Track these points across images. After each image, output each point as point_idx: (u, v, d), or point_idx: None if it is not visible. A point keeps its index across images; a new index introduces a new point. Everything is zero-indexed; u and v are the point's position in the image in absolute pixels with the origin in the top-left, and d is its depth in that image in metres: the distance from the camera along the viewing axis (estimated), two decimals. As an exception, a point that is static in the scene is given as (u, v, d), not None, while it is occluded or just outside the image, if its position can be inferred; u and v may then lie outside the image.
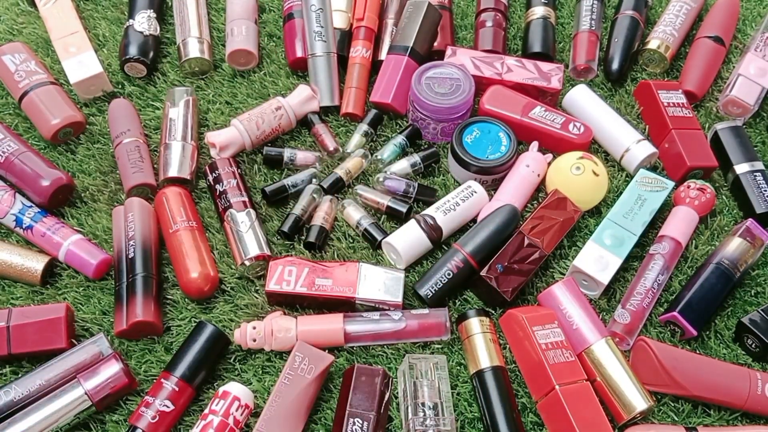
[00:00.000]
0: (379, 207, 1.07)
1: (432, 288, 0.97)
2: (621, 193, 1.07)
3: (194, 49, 1.18)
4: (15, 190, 1.04)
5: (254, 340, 0.93)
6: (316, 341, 0.92)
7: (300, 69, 1.22)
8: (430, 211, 1.04)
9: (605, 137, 1.14)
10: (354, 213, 1.05)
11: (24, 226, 1.01)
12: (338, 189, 1.09)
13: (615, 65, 1.21)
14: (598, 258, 0.99)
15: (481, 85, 1.16)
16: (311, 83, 1.18)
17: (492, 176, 1.08)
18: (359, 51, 1.19)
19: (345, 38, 1.22)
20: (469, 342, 0.94)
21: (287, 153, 1.10)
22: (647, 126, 1.18)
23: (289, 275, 0.96)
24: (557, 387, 0.87)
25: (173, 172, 1.05)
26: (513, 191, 1.07)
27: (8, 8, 1.26)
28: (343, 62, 1.21)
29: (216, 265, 1.00)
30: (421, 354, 0.94)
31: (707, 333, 0.99)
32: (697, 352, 0.96)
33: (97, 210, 1.06)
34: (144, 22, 1.20)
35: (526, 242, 0.99)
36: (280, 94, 1.17)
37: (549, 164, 1.10)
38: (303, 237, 1.04)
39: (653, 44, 1.23)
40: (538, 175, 1.09)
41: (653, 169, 1.12)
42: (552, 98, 1.17)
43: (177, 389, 0.87)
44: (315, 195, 1.06)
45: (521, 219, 1.04)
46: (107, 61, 1.21)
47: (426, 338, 0.95)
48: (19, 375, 0.90)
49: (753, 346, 0.96)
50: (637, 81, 1.23)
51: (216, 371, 0.93)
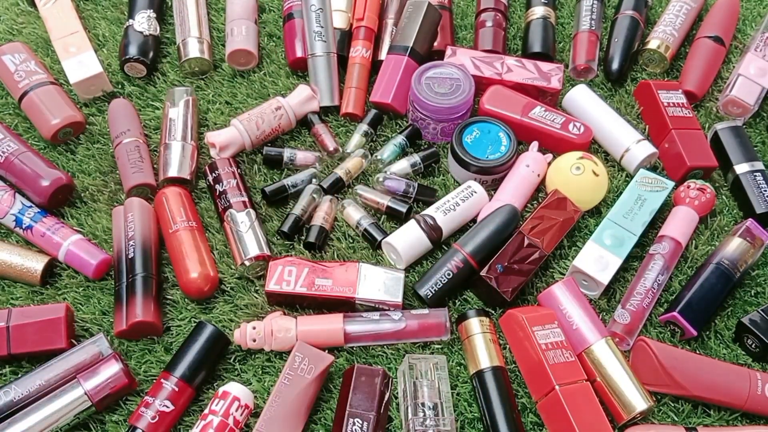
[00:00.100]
0: (379, 207, 1.07)
1: (432, 288, 0.97)
2: (621, 193, 1.06)
3: (194, 49, 1.18)
4: (15, 190, 1.04)
5: (254, 340, 0.93)
6: (316, 341, 0.92)
7: (300, 69, 1.22)
8: (430, 211, 1.04)
9: (605, 137, 1.14)
10: (354, 213, 1.05)
11: (24, 226, 1.01)
12: (338, 189, 1.09)
13: (615, 65, 1.21)
14: (598, 258, 0.99)
15: (481, 85, 1.16)
16: (311, 83, 1.18)
17: (492, 176, 1.08)
18: (359, 51, 1.19)
19: (345, 38, 1.22)
20: (469, 342, 0.94)
21: (287, 153, 1.10)
22: (647, 126, 1.18)
23: (289, 275, 0.96)
24: (557, 387, 0.87)
25: (173, 172, 1.05)
26: (513, 191, 1.07)
27: (8, 8, 1.26)
28: (343, 62, 1.21)
29: (216, 266, 1.00)
30: (421, 354, 0.94)
31: (707, 333, 0.99)
32: (697, 353, 0.96)
33: (97, 210, 1.06)
34: (144, 22, 1.20)
35: (526, 242, 0.99)
36: (280, 94, 1.16)
37: (549, 164, 1.10)
38: (303, 237, 1.04)
39: (653, 44, 1.23)
40: (538, 175, 1.09)
41: (653, 169, 1.12)
42: (552, 98, 1.17)
43: (177, 389, 0.87)
44: (315, 195, 1.06)
45: (521, 219, 1.04)
46: (107, 61, 1.21)
47: (426, 338, 0.95)
48: (19, 375, 0.90)
49: (753, 347, 0.96)
50: (637, 81, 1.23)
51: (216, 371, 0.93)
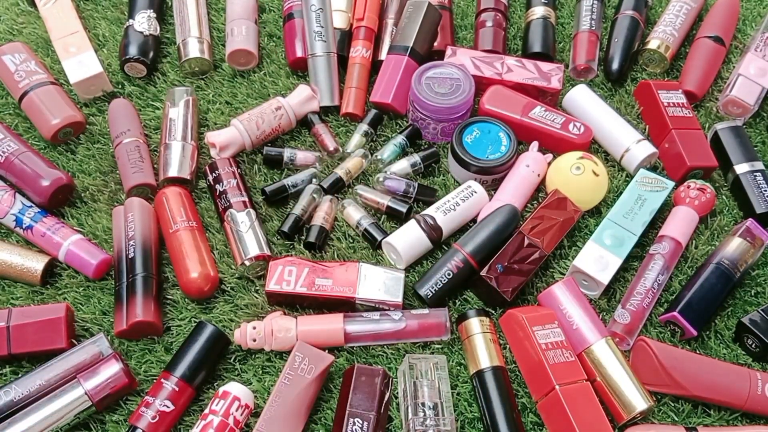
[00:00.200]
0: (379, 207, 1.07)
1: (432, 288, 0.97)
2: (621, 193, 1.07)
3: (194, 49, 1.18)
4: (15, 190, 1.04)
5: (254, 340, 0.93)
6: (316, 341, 0.92)
7: (300, 69, 1.22)
8: (430, 211, 1.04)
9: (605, 137, 1.14)
10: (354, 213, 1.05)
11: (24, 226, 1.01)
12: (338, 189, 1.09)
13: (615, 65, 1.21)
14: (598, 258, 0.99)
15: (481, 85, 1.16)
16: (311, 83, 1.18)
17: (492, 176, 1.08)
18: (359, 51, 1.19)
19: (345, 38, 1.22)
20: (469, 342, 0.94)
21: (287, 153, 1.10)
22: (647, 126, 1.18)
23: (289, 275, 0.96)
24: (557, 387, 0.87)
25: (173, 172, 1.05)
26: (513, 191, 1.07)
27: (8, 8, 1.26)
28: (343, 62, 1.21)
29: (216, 265, 1.00)
30: (421, 354, 0.94)
31: (707, 333, 0.99)
32: (697, 352, 0.96)
33: (97, 210, 1.06)
34: (144, 22, 1.20)
35: (526, 242, 0.99)
36: (280, 94, 1.16)
37: (549, 164, 1.10)
38: (303, 237, 1.04)
39: (653, 44, 1.23)
40: (538, 175, 1.09)
41: (653, 169, 1.12)
42: (552, 98, 1.17)
43: (177, 389, 0.87)
44: (315, 195, 1.06)
45: (521, 219, 1.04)
46: (107, 61, 1.21)
47: (426, 338, 0.95)
48: (19, 375, 0.90)
49: (753, 346, 0.96)
50: (637, 81, 1.23)
51: (216, 371, 0.93)
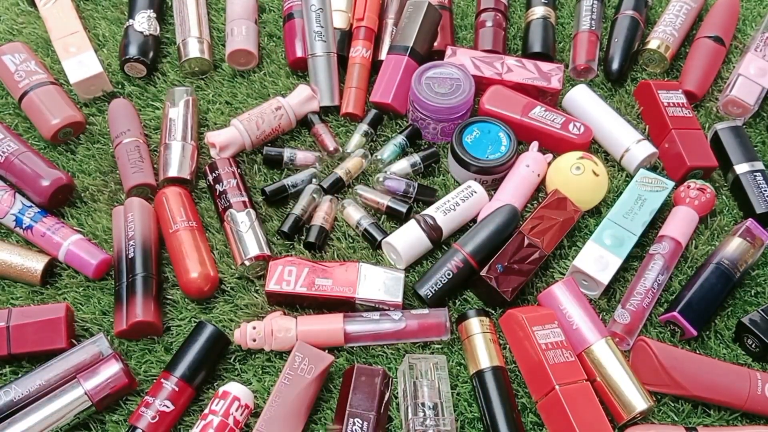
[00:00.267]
0: (379, 207, 1.07)
1: (432, 288, 0.97)
2: (621, 193, 1.06)
3: (194, 49, 1.18)
4: (15, 190, 1.04)
5: (254, 340, 0.93)
6: (316, 341, 0.92)
7: (300, 69, 1.22)
8: (430, 211, 1.04)
9: (605, 137, 1.14)
10: (354, 213, 1.05)
11: (24, 226, 1.01)
12: (338, 189, 1.09)
13: (615, 65, 1.21)
14: (598, 258, 0.99)
15: (481, 85, 1.16)
16: (311, 83, 1.18)
17: (492, 176, 1.08)
18: (359, 51, 1.19)
19: (345, 38, 1.22)
20: (469, 342, 0.94)
21: (287, 153, 1.10)
22: (647, 126, 1.18)
23: (289, 275, 0.96)
24: (557, 387, 0.87)
25: (173, 172, 1.05)
26: (513, 191, 1.07)
27: (8, 8, 1.26)
28: (343, 62, 1.21)
29: (216, 265, 1.00)
30: (421, 354, 0.94)
31: (707, 333, 0.99)
32: (697, 352, 0.96)
33: (97, 210, 1.06)
34: (144, 22, 1.20)
35: (526, 242, 0.99)
36: (280, 94, 1.16)
37: (549, 164, 1.10)
38: (303, 237, 1.04)
39: (653, 44, 1.23)
40: (538, 175, 1.09)
41: (653, 169, 1.12)
42: (552, 98, 1.17)
43: (177, 389, 0.87)
44: (315, 195, 1.06)
45: (521, 219, 1.04)
46: (107, 61, 1.21)
47: (426, 338, 0.95)
48: (19, 375, 0.90)
49: (753, 346, 0.96)
50: (637, 81, 1.23)
51: (216, 371, 0.93)
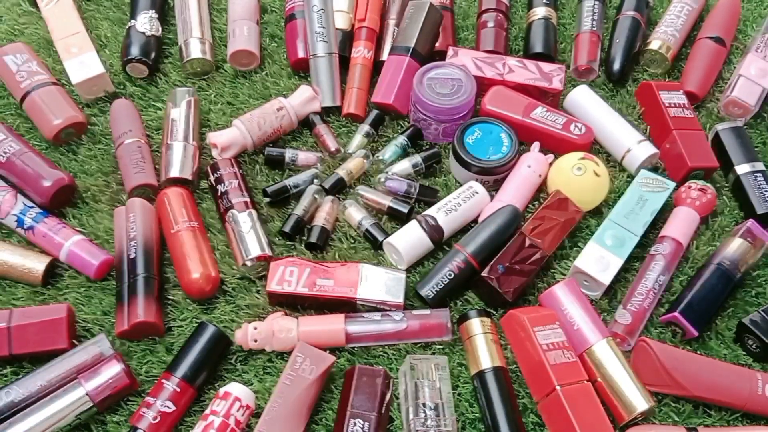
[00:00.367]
0: (381, 207, 1.07)
1: (433, 288, 0.97)
2: (622, 194, 1.06)
3: (196, 50, 1.18)
4: (17, 191, 1.04)
5: (255, 341, 0.93)
6: (318, 342, 0.92)
7: (302, 69, 1.22)
8: (432, 212, 1.04)
9: (606, 138, 1.14)
10: (355, 213, 1.05)
11: (25, 227, 1.01)
12: (340, 190, 1.09)
13: (616, 66, 1.21)
14: (599, 258, 0.99)
15: (483, 86, 1.16)
16: (313, 84, 1.18)
17: (493, 177, 1.08)
18: (361, 51, 1.19)
19: (347, 39, 1.22)
20: (470, 342, 0.94)
21: (289, 153, 1.10)
22: (648, 127, 1.18)
23: (291, 276, 0.96)
24: (558, 387, 0.87)
25: (175, 173, 1.05)
26: (514, 192, 1.07)
27: (10, 9, 1.26)
28: (345, 63, 1.21)
29: (217, 266, 1.00)
30: (423, 354, 0.94)
31: (708, 334, 0.99)
32: (698, 353, 0.96)
33: (99, 210, 1.06)
34: (146, 23, 1.20)
35: (528, 243, 0.99)
36: (282, 95, 1.17)
37: (550, 165, 1.10)
38: (304, 237, 1.04)
39: (654, 45, 1.23)
40: (540, 176, 1.09)
41: (654, 170, 1.12)
42: (553, 99, 1.17)
43: (178, 390, 0.88)
44: (316, 195, 1.06)
45: (522, 220, 1.04)
46: (109, 62, 1.21)
47: (427, 339, 0.95)
48: (20, 376, 0.90)
49: (754, 347, 0.96)
50: (639, 82, 1.23)
51: (217, 372, 0.93)
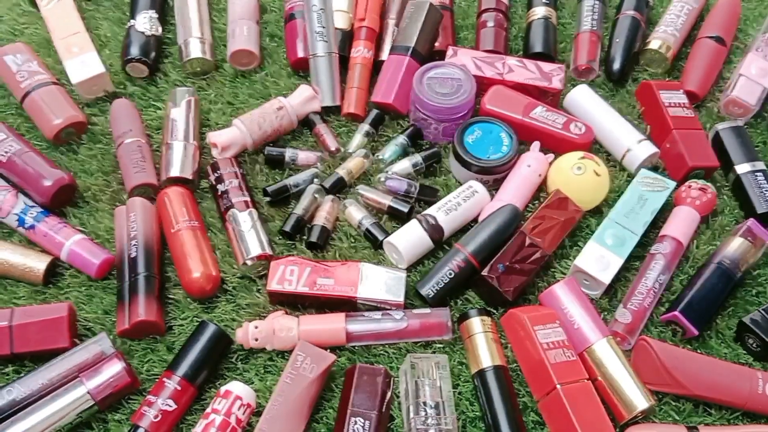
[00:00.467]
0: (381, 207, 1.07)
1: (433, 288, 0.97)
2: (622, 193, 1.07)
3: (196, 50, 1.18)
4: (17, 190, 1.04)
5: (256, 340, 0.93)
6: (318, 340, 0.92)
7: (301, 69, 1.22)
8: (432, 211, 1.04)
9: (606, 137, 1.15)
10: (356, 213, 1.05)
11: (26, 226, 1.01)
12: (340, 189, 1.09)
13: (616, 65, 1.22)
14: (600, 258, 0.99)
15: (483, 86, 1.16)
16: (312, 83, 1.18)
17: (493, 176, 1.08)
18: (361, 51, 1.19)
19: (346, 38, 1.22)
20: (471, 341, 0.94)
21: (289, 153, 1.10)
22: (648, 126, 1.18)
23: (291, 275, 0.96)
24: (558, 386, 0.87)
25: (175, 172, 1.05)
26: (514, 191, 1.07)
27: (10, 9, 1.27)
28: (345, 62, 1.21)
29: (218, 265, 1.00)
30: (423, 353, 0.95)
31: (708, 333, 0.99)
32: (699, 352, 0.96)
33: (99, 210, 1.06)
34: (146, 23, 1.20)
35: (528, 242, 1.00)
36: (282, 95, 1.17)
37: (550, 164, 1.10)
38: (305, 237, 1.04)
39: (654, 44, 1.23)
40: (540, 175, 1.09)
41: (654, 169, 1.12)
42: (553, 98, 1.17)
43: (179, 388, 0.88)
44: (317, 195, 1.06)
45: (523, 219, 1.05)
46: (109, 62, 1.21)
47: (428, 338, 0.95)
48: (22, 374, 0.90)
49: (754, 346, 0.96)
50: (639, 81, 1.23)
51: (218, 370, 0.94)
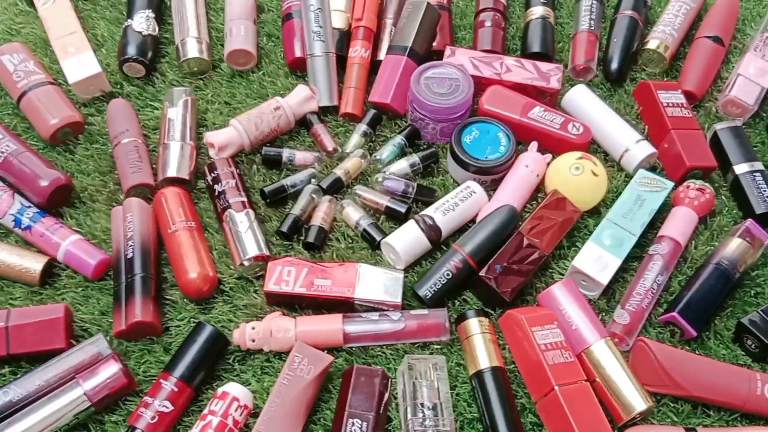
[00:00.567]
0: (378, 207, 1.07)
1: (431, 288, 0.97)
2: (620, 194, 1.06)
3: (193, 49, 1.18)
4: (14, 191, 1.03)
5: (253, 341, 0.92)
6: (315, 341, 0.92)
7: (299, 69, 1.22)
8: (429, 212, 1.04)
9: (604, 137, 1.14)
10: (353, 213, 1.05)
11: (23, 227, 1.01)
12: (337, 189, 1.09)
13: (614, 65, 1.21)
14: (598, 258, 0.99)
15: (480, 85, 1.15)
16: (310, 83, 1.18)
17: (491, 176, 1.08)
18: (358, 51, 1.19)
19: (344, 38, 1.22)
20: (469, 342, 0.94)
21: (286, 153, 1.10)
22: (646, 126, 1.18)
23: (288, 275, 0.96)
24: (556, 387, 0.87)
25: (172, 173, 1.05)
26: (512, 191, 1.06)
27: (6, 8, 1.26)
28: (342, 62, 1.21)
29: (215, 266, 1.00)
30: (421, 354, 0.94)
31: (707, 333, 0.99)
32: (697, 353, 0.96)
33: (96, 210, 1.06)
34: (143, 22, 1.19)
35: (525, 242, 0.99)
36: (279, 94, 1.16)
37: (548, 164, 1.10)
38: (302, 237, 1.04)
39: (652, 44, 1.23)
40: (537, 176, 1.09)
41: (652, 170, 1.12)
42: (551, 98, 1.17)
43: (176, 390, 0.87)
44: (314, 195, 1.06)
45: (520, 219, 1.04)
46: (106, 61, 1.21)
47: (425, 339, 0.95)
48: (18, 375, 0.89)
49: (752, 347, 0.96)
50: (637, 81, 1.23)
51: (215, 372, 0.93)
